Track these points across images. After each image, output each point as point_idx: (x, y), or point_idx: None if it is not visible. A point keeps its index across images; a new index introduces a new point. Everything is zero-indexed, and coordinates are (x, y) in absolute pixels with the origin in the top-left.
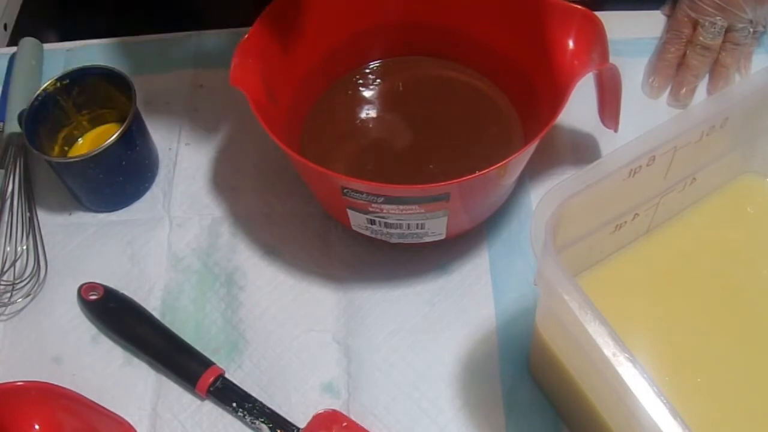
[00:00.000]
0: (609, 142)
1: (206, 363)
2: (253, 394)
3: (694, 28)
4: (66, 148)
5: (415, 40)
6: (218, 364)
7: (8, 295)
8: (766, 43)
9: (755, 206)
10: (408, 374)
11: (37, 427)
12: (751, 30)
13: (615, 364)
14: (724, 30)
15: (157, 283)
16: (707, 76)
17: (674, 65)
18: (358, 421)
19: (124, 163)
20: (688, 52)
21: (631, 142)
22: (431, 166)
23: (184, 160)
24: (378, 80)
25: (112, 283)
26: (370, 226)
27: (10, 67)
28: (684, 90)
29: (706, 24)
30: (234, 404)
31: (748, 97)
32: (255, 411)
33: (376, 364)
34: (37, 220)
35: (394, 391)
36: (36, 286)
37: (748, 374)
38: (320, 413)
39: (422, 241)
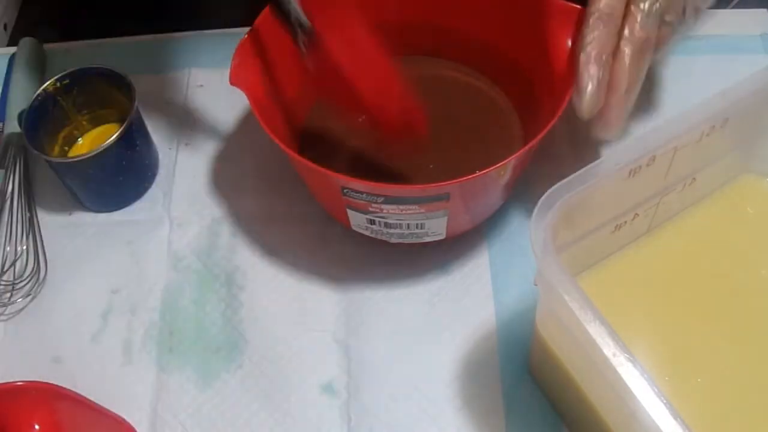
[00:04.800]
0: (609, 142)
1: None
2: (253, 394)
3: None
4: (66, 148)
5: (415, 40)
6: (218, 363)
7: (8, 295)
8: (767, 43)
9: (755, 206)
10: (408, 374)
11: (37, 427)
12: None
13: (615, 364)
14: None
15: (157, 283)
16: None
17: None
18: (359, 421)
19: (124, 163)
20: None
21: (631, 142)
22: (431, 166)
23: (184, 160)
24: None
25: (112, 283)
26: (370, 226)
27: (10, 67)
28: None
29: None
30: None
31: (748, 97)
32: None
33: (376, 364)
34: (37, 220)
35: (394, 391)
36: (36, 286)
37: (748, 374)
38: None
39: (422, 241)
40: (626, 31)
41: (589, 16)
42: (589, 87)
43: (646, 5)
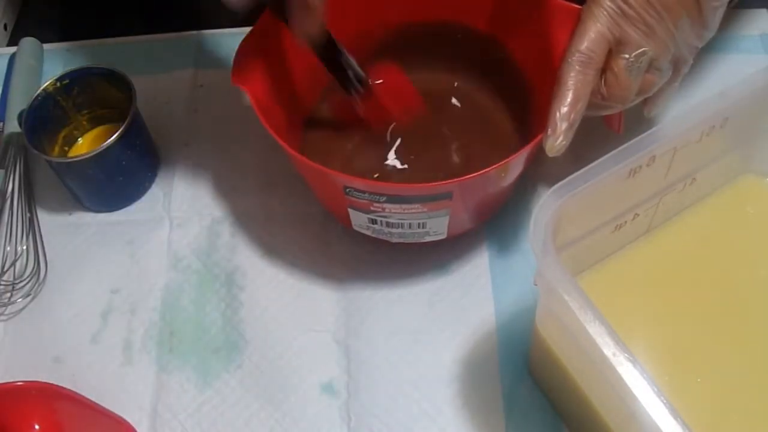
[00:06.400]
0: (609, 142)
1: None
2: (253, 394)
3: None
4: (66, 148)
5: (415, 42)
6: (218, 363)
7: (8, 295)
8: (767, 43)
9: (755, 206)
10: (408, 374)
11: (37, 427)
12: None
13: (615, 364)
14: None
15: (157, 283)
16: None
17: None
18: (359, 421)
19: (124, 163)
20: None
21: (631, 142)
22: (433, 165)
23: (184, 160)
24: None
25: (112, 283)
26: (371, 225)
27: (10, 67)
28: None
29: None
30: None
31: (748, 97)
32: None
33: (376, 364)
34: (37, 220)
35: (394, 391)
36: (36, 286)
37: (748, 374)
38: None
39: (423, 240)
40: (606, 78)
41: (568, 56)
42: (556, 132)
43: (633, 56)
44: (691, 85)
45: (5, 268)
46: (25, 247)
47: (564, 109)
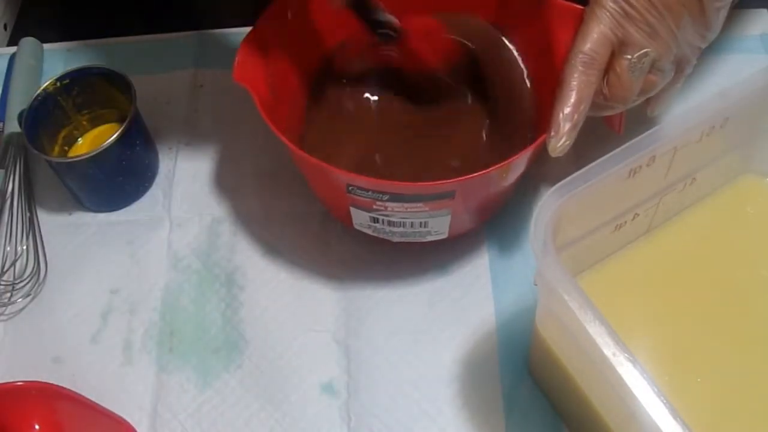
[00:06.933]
0: (609, 142)
1: None
2: (253, 394)
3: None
4: (66, 148)
5: (417, 41)
6: (218, 363)
7: (8, 295)
8: (767, 43)
9: (755, 206)
10: (408, 374)
11: (37, 427)
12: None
13: (615, 364)
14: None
15: (157, 283)
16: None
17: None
18: (359, 421)
19: (124, 163)
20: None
21: (631, 142)
22: (435, 164)
23: (184, 160)
24: (381, 77)
25: (112, 283)
26: (373, 224)
27: (10, 67)
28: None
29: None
30: None
31: (748, 97)
32: None
33: (376, 364)
34: (37, 220)
35: (394, 391)
36: (36, 286)
37: (748, 374)
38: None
39: (425, 239)
40: (609, 78)
41: (571, 57)
42: (560, 133)
43: (635, 57)
44: (691, 85)
45: (5, 268)
46: (25, 247)
47: (567, 110)
